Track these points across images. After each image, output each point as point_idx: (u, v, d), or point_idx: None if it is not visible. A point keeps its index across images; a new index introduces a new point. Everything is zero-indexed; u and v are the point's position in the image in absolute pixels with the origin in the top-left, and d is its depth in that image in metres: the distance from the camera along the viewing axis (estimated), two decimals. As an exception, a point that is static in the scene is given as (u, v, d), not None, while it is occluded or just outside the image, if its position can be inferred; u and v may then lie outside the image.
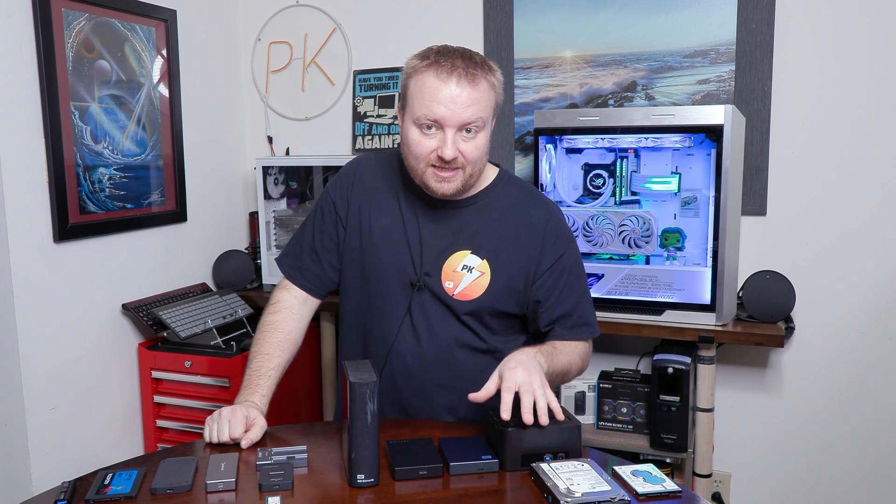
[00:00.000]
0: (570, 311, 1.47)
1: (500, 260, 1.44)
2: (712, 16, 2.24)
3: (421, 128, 1.34)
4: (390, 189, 1.50)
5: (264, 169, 2.55)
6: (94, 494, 1.13)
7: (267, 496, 1.13)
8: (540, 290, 1.46)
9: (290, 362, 1.53)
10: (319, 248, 1.54)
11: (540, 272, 1.45)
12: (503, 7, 2.46)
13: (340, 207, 1.52)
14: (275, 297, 1.56)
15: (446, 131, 1.32)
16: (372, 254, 1.48)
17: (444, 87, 1.30)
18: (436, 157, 1.34)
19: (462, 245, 1.44)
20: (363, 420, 1.15)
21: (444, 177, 1.36)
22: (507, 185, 1.51)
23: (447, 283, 1.43)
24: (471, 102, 1.31)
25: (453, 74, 1.31)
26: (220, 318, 2.37)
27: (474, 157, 1.37)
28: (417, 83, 1.34)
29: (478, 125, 1.34)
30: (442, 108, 1.30)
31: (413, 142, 1.35)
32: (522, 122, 2.50)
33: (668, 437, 2.10)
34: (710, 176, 2.00)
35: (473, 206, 1.46)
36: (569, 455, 1.23)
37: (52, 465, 2.03)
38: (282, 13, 2.77)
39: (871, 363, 2.22)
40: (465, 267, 1.43)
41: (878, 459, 2.24)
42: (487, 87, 1.35)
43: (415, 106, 1.34)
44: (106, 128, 2.20)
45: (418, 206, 1.47)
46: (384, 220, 1.48)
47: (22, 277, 1.94)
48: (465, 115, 1.31)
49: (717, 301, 2.02)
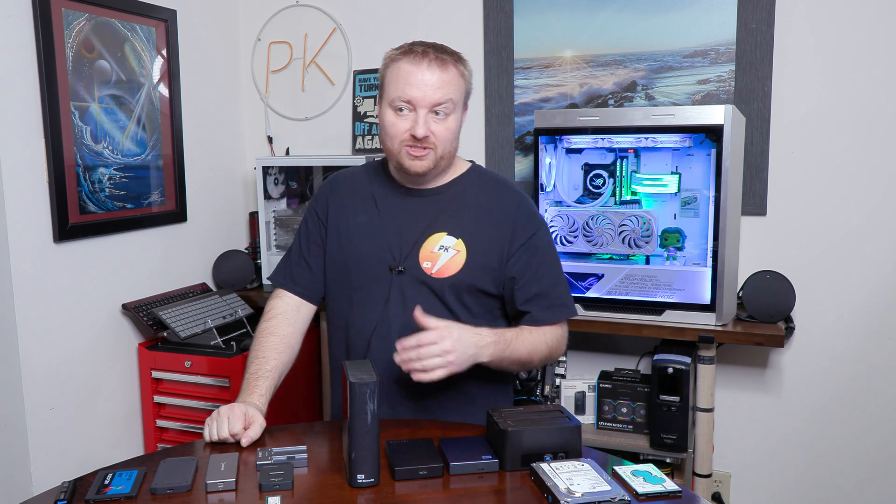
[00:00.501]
0: (545, 291, 1.53)
1: (475, 238, 1.50)
2: (712, 16, 2.24)
3: (395, 110, 1.44)
4: (366, 192, 1.59)
5: (264, 169, 2.55)
6: (94, 494, 1.13)
7: (267, 496, 1.13)
8: (514, 266, 1.52)
9: (289, 366, 1.54)
10: (307, 254, 1.61)
11: (513, 250, 1.52)
12: (503, 7, 2.46)
13: (322, 214, 1.61)
14: (268, 305, 1.60)
15: (418, 111, 1.43)
16: (352, 249, 1.55)
17: (417, 71, 1.42)
18: (409, 136, 1.44)
19: (438, 228, 1.51)
20: (363, 420, 1.15)
21: (417, 155, 1.45)
22: (479, 175, 1.60)
23: (425, 264, 1.49)
24: (440, 85, 1.42)
25: (425, 59, 1.43)
26: (220, 318, 2.37)
27: (444, 137, 1.46)
28: (393, 70, 1.45)
29: (447, 107, 1.44)
30: (414, 89, 1.42)
31: (389, 123, 1.46)
32: (522, 122, 2.50)
33: (668, 437, 2.10)
34: (710, 176, 2.00)
35: (447, 193, 1.55)
36: (569, 455, 1.23)
37: (52, 465, 2.03)
38: (282, 13, 2.77)
39: (871, 363, 2.22)
40: (442, 247, 1.50)
41: (878, 459, 2.24)
42: (457, 73, 1.46)
43: (390, 90, 1.45)
44: (106, 128, 2.20)
45: (394, 200, 1.55)
46: (361, 217, 1.56)
47: (22, 277, 1.94)
48: (435, 96, 1.42)
49: (717, 301, 2.02)
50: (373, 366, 1.23)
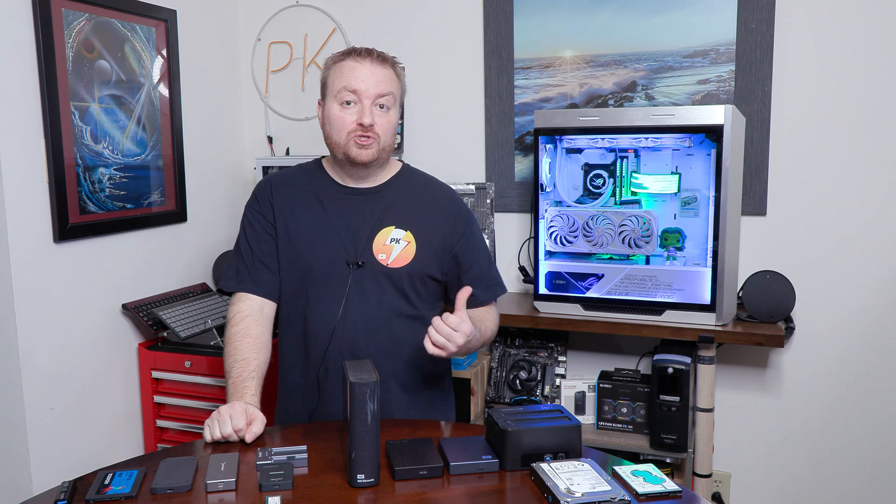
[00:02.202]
0: (484, 273, 1.70)
1: (421, 229, 1.63)
2: (712, 16, 2.24)
3: (341, 103, 1.55)
4: (308, 192, 1.66)
5: (264, 169, 2.55)
6: (94, 494, 1.13)
7: (267, 496, 1.13)
8: (460, 252, 1.66)
9: (266, 366, 1.56)
10: (259, 253, 1.64)
11: (457, 237, 1.66)
12: (503, 7, 2.46)
13: (267, 214, 1.65)
14: (231, 311, 1.61)
15: (363, 101, 1.54)
16: (304, 247, 1.60)
17: (360, 66, 1.55)
18: (356, 125, 1.54)
19: (386, 222, 1.62)
20: (363, 420, 1.15)
21: (364, 143, 1.55)
22: (411, 173, 1.73)
23: (380, 256, 1.59)
24: (382, 79, 1.56)
25: (368, 57, 1.56)
26: (220, 318, 2.37)
27: (386, 129, 1.58)
28: (336, 70, 1.57)
29: (389, 100, 1.57)
30: (360, 81, 1.54)
31: (335, 117, 1.57)
32: (522, 122, 2.50)
33: (668, 437, 2.10)
34: (710, 176, 2.00)
35: (388, 191, 1.65)
36: (569, 455, 1.23)
37: (52, 465, 2.03)
38: (282, 13, 2.77)
39: (871, 363, 2.22)
40: (393, 239, 1.61)
41: (878, 459, 2.24)
42: (394, 73, 1.60)
43: (335, 85, 1.56)
44: (106, 128, 2.20)
45: (339, 199, 1.64)
46: (308, 217, 1.62)
47: (22, 277, 1.94)
48: (378, 88, 1.55)
49: (717, 301, 2.02)
50: (373, 365, 1.23)
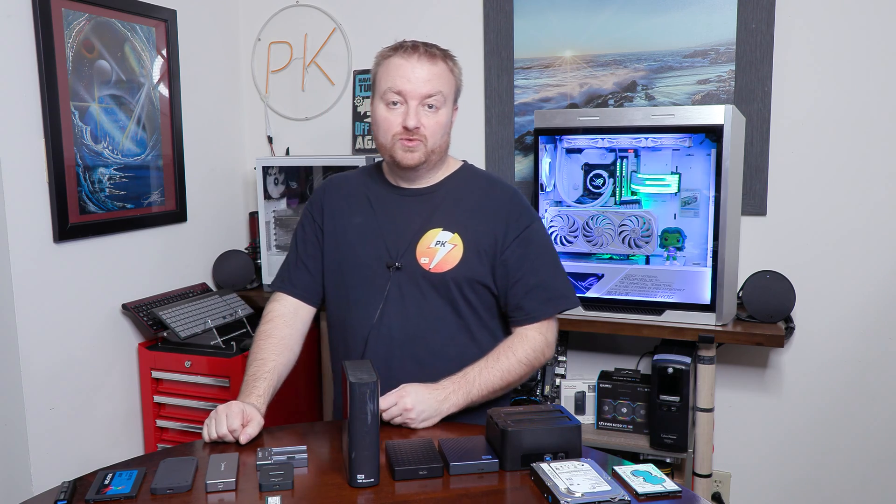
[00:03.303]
0: (543, 283, 1.54)
1: (470, 231, 1.52)
2: (712, 16, 2.24)
3: (387, 104, 1.47)
4: (360, 193, 1.61)
5: (264, 169, 2.55)
6: (94, 494, 1.13)
7: (267, 496, 1.13)
8: (510, 259, 1.53)
9: (288, 367, 1.55)
10: (305, 256, 1.62)
11: (507, 242, 1.53)
12: (503, 7, 2.46)
13: (317, 216, 1.63)
14: (266, 308, 1.62)
15: (409, 103, 1.46)
16: (348, 249, 1.56)
17: (407, 64, 1.46)
18: (401, 128, 1.46)
19: (433, 224, 1.53)
20: (363, 420, 1.15)
21: (410, 146, 1.47)
22: (471, 172, 1.63)
23: (423, 260, 1.51)
24: (430, 77, 1.46)
25: (415, 53, 1.47)
26: (220, 318, 2.37)
27: (434, 130, 1.48)
28: (384, 68, 1.49)
29: (437, 100, 1.47)
30: (405, 81, 1.45)
31: (381, 118, 1.49)
32: (522, 122, 2.50)
33: (668, 437, 2.10)
34: (710, 176, 2.00)
35: (441, 191, 1.57)
36: (569, 455, 1.23)
37: (52, 465, 2.03)
38: (282, 13, 2.77)
39: (871, 363, 2.22)
40: (438, 242, 1.52)
41: (879, 459, 2.24)
42: (446, 68, 1.49)
43: (381, 85, 1.49)
44: (106, 128, 2.20)
45: (389, 200, 1.57)
46: (357, 218, 1.58)
47: (22, 277, 1.94)
48: (425, 88, 1.46)
49: (717, 301, 2.02)
50: (373, 366, 1.23)
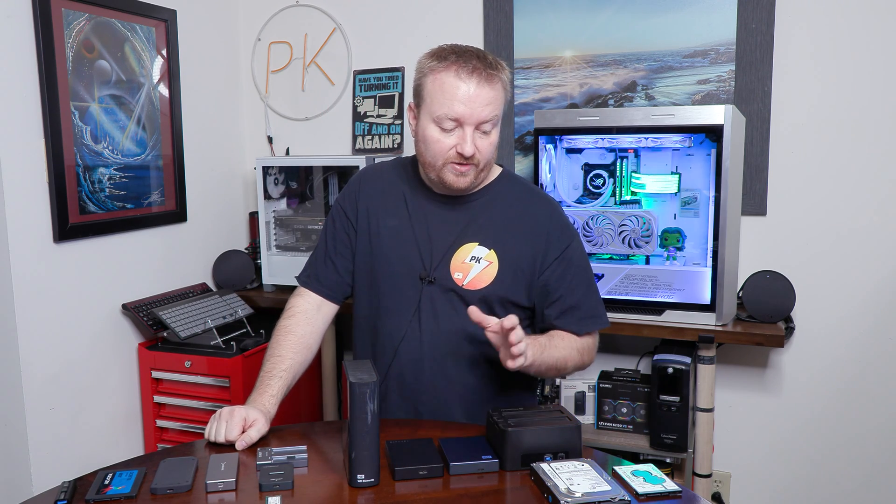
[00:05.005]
0: (579, 303, 1.50)
1: (507, 249, 1.47)
2: (712, 16, 2.24)
3: (441, 126, 1.39)
4: (397, 192, 1.54)
5: (264, 169, 2.55)
6: (94, 494, 1.13)
7: (267, 496, 1.13)
8: (549, 280, 1.48)
9: (305, 365, 1.52)
10: (333, 253, 1.58)
11: (547, 262, 1.48)
12: (503, 7, 2.46)
13: (350, 212, 1.57)
14: (289, 303, 1.58)
15: (465, 129, 1.38)
16: (381, 254, 1.51)
17: (465, 87, 1.36)
18: (455, 153, 1.39)
19: (469, 238, 1.48)
20: (363, 420, 1.15)
21: (462, 171, 1.41)
22: (510, 181, 1.56)
23: (456, 275, 1.46)
24: (488, 101, 1.37)
25: (473, 75, 1.36)
26: (220, 318, 2.37)
27: (488, 153, 1.43)
28: (436, 82, 1.39)
29: (493, 122, 1.40)
30: (462, 106, 1.36)
31: (432, 140, 1.40)
32: (522, 122, 2.50)
33: (668, 437, 2.10)
34: (710, 176, 2.00)
35: (479, 201, 1.51)
36: (569, 455, 1.23)
37: (52, 465, 2.03)
38: (282, 13, 2.77)
39: (871, 363, 2.22)
40: (474, 258, 1.47)
41: (879, 459, 2.24)
42: (501, 87, 1.41)
43: (434, 105, 1.39)
44: (106, 128, 2.20)
45: (425, 206, 1.51)
46: (392, 221, 1.52)
47: (22, 277, 1.94)
48: (483, 113, 1.37)
49: (717, 301, 2.02)
50: (373, 366, 1.23)
